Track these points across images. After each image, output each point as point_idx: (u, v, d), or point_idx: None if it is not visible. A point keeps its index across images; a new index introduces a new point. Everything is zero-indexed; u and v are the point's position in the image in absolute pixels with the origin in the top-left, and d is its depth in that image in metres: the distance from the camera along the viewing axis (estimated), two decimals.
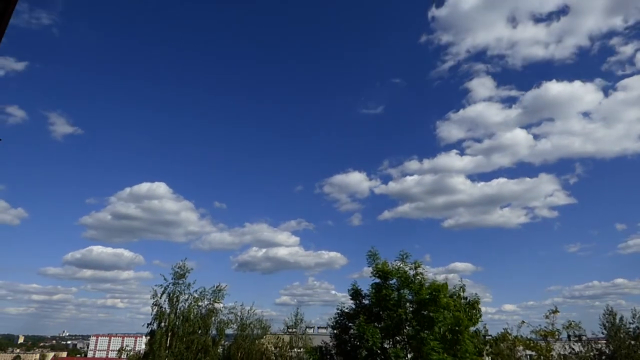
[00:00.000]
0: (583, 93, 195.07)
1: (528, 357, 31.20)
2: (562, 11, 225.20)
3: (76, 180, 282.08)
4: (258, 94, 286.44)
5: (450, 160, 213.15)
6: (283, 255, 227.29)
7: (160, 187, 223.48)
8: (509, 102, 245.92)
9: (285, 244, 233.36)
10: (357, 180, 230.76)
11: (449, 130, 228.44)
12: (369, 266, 23.57)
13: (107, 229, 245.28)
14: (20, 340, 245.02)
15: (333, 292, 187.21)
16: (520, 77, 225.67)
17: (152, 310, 26.91)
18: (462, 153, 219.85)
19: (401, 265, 22.89)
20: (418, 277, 22.56)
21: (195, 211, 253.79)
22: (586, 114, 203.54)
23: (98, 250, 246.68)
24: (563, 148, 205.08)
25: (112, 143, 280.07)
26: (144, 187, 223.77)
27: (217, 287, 29.12)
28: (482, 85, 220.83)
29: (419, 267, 22.79)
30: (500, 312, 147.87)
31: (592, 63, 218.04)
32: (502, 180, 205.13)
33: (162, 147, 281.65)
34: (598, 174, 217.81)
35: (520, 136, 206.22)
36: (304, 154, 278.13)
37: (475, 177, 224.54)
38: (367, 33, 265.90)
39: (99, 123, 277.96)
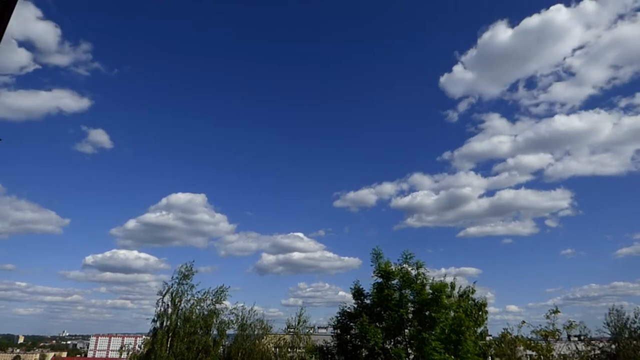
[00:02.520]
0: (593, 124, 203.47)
1: (528, 357, 31.21)
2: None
3: (116, 190, 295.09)
4: (292, 107, 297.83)
5: (467, 179, 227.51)
6: (308, 261, 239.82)
7: (197, 198, 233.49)
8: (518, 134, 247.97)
9: (311, 250, 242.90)
10: (383, 192, 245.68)
11: (463, 155, 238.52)
12: (372, 265, 23.61)
13: (141, 237, 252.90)
14: (20, 340, 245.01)
15: (342, 293, 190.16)
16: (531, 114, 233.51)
17: (155, 310, 26.99)
18: (476, 173, 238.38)
19: (404, 266, 22.93)
20: (420, 277, 22.58)
21: (229, 221, 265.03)
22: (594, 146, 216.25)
23: (125, 254, 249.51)
24: (572, 170, 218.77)
25: (146, 152, 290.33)
26: (181, 197, 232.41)
27: (220, 288, 29.14)
28: (493, 128, 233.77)
29: (420, 267, 22.82)
30: (505, 313, 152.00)
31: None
32: (517, 193, 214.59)
33: (198, 157, 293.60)
34: (602, 190, 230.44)
35: (533, 161, 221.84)
36: (332, 167, 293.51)
37: (488, 193, 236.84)
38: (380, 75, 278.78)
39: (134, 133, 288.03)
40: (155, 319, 26.68)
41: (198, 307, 27.73)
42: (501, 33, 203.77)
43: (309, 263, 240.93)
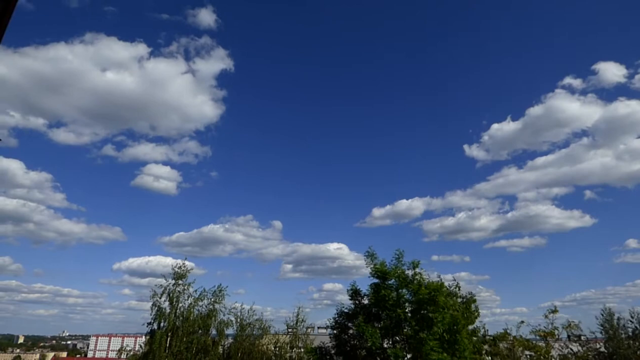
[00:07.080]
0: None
1: (528, 357, 31.28)
2: None
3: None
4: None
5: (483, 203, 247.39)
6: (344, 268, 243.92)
7: (246, 217, 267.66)
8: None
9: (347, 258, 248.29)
10: (413, 206, 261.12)
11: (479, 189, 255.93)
12: (367, 266, 23.64)
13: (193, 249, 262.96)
14: (21, 340, 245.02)
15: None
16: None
17: (152, 311, 26.88)
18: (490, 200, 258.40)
19: (399, 266, 22.99)
20: (416, 277, 22.62)
21: (282, 237, 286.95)
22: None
23: (159, 260, 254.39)
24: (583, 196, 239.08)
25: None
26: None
27: (217, 287, 29.15)
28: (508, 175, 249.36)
29: (416, 267, 22.87)
30: (512, 314, 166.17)
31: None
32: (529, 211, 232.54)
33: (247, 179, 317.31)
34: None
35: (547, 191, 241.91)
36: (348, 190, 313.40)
37: (504, 212, 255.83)
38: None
39: None
40: (153, 320, 26.63)
41: (197, 307, 27.75)
42: (506, 125, 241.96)
43: (343, 270, 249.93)
